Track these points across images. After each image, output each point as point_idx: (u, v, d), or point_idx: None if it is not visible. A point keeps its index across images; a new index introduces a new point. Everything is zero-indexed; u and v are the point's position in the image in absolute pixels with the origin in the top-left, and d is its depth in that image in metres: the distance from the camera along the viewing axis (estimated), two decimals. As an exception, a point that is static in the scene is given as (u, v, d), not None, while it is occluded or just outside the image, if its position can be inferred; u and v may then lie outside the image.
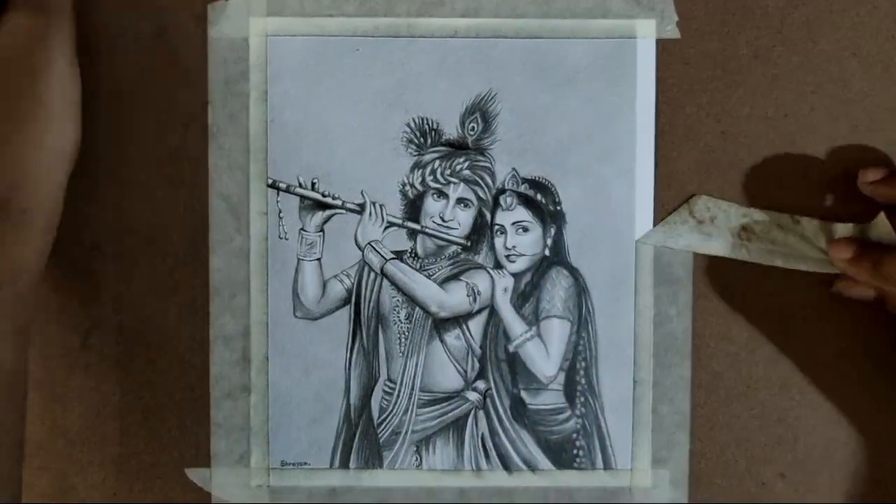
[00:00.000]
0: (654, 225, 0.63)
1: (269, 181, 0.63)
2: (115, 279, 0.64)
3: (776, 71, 0.63)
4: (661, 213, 0.63)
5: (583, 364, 0.64)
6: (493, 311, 0.64)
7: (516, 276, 0.64)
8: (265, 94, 0.63)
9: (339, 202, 0.63)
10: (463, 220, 0.64)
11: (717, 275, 0.64)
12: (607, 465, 0.64)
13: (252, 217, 0.63)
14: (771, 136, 0.63)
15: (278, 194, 0.63)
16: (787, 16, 0.63)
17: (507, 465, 0.64)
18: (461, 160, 0.64)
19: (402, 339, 0.64)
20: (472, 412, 0.64)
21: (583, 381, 0.64)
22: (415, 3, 0.63)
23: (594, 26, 0.63)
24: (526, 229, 0.64)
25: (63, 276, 0.64)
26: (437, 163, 0.64)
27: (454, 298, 0.64)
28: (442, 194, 0.64)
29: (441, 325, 0.64)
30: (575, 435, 0.64)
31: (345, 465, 0.64)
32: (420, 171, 0.64)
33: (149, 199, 0.63)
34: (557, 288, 0.64)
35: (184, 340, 0.64)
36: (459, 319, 0.64)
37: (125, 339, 0.64)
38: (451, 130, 0.63)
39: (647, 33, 0.63)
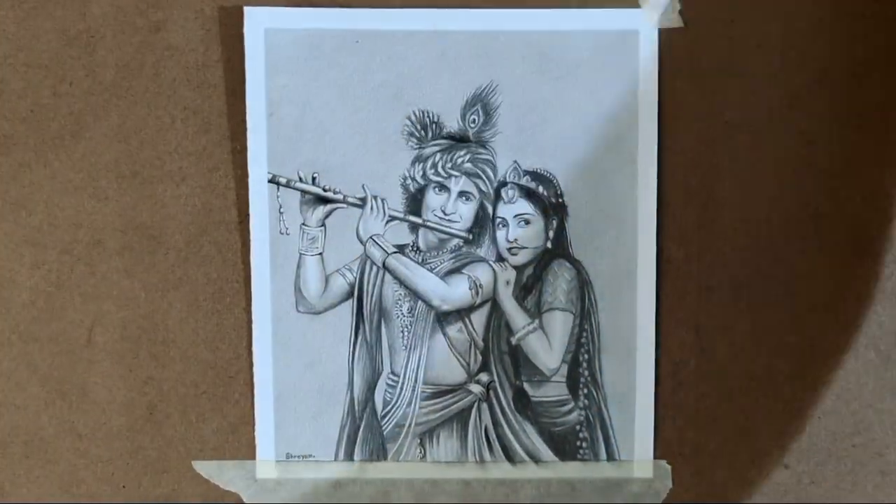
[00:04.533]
0: (657, 217, 0.63)
1: (269, 176, 0.63)
2: (117, 275, 0.64)
3: (782, 59, 0.62)
4: (664, 205, 0.63)
5: (585, 356, 0.64)
6: (495, 304, 0.64)
7: (518, 268, 0.64)
8: (264, 87, 0.63)
9: (340, 196, 0.63)
10: (464, 213, 0.64)
11: (721, 266, 0.63)
12: (610, 457, 0.64)
13: (253, 212, 0.63)
14: (776, 127, 0.62)
15: (278, 189, 0.63)
16: (793, 1, 0.62)
17: (510, 457, 0.65)
18: (462, 153, 0.63)
19: (405, 333, 0.64)
20: (476, 404, 0.65)
21: (586, 373, 0.64)
22: (413, -6, 0.62)
23: (596, 16, 0.62)
24: (528, 222, 0.64)
25: (66, 273, 0.64)
26: (439, 156, 0.63)
27: (456, 292, 0.64)
28: (443, 188, 0.64)
29: (443, 318, 0.64)
30: (578, 426, 0.64)
31: (349, 457, 0.65)
32: (421, 164, 0.63)
33: (150, 195, 0.63)
34: (560, 280, 0.64)
35: (188, 336, 0.64)
36: (462, 312, 0.64)
37: (129, 335, 0.64)
38: (451, 123, 0.63)
39: (649, 23, 0.62)
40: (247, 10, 0.62)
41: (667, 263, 0.63)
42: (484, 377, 0.65)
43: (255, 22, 0.62)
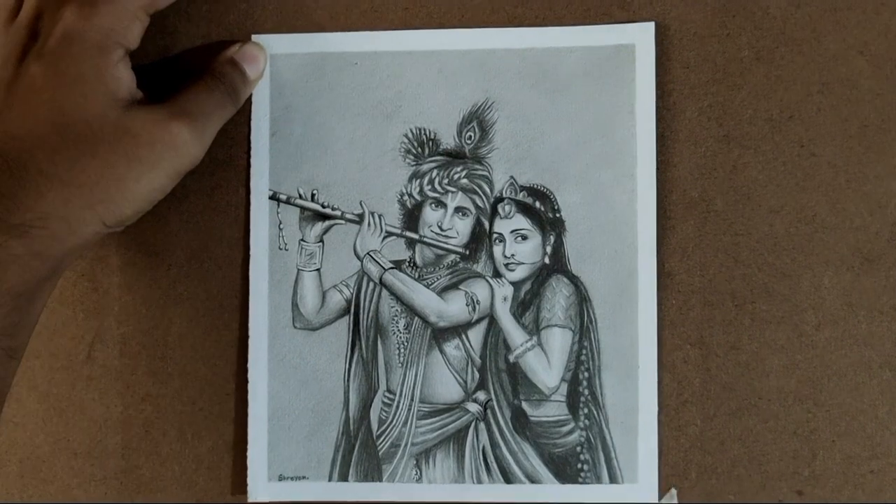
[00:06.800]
0: (657, 231, 0.62)
1: (270, 193, 0.64)
2: (118, 291, 0.65)
3: (779, 72, 0.62)
4: (663, 218, 0.62)
5: (585, 374, 0.62)
6: (492, 321, 0.63)
7: (516, 284, 0.63)
8: (268, 109, 0.64)
9: (338, 213, 0.64)
10: (461, 228, 0.64)
11: (724, 282, 0.62)
12: (613, 480, 0.62)
13: (253, 228, 0.64)
14: (776, 139, 0.62)
15: (278, 206, 0.64)
16: (789, 16, 0.62)
17: (508, 479, 0.62)
18: (459, 169, 0.64)
19: (402, 350, 0.64)
20: (473, 424, 0.63)
21: (586, 391, 0.62)
22: (409, 15, 0.64)
23: (592, 32, 0.63)
24: (525, 237, 0.63)
25: (66, 288, 0.65)
26: (435, 172, 0.64)
27: (453, 308, 0.63)
28: (440, 203, 0.64)
29: (440, 335, 0.64)
30: (579, 448, 0.62)
31: (343, 478, 0.63)
32: (418, 180, 0.64)
33: (151, 211, 0.64)
34: (558, 296, 0.63)
35: (186, 352, 0.64)
36: (459, 329, 0.63)
37: (128, 351, 0.65)
38: (448, 140, 0.63)
39: (645, 37, 0.62)
40: (254, 37, 0.64)
41: (667, 278, 0.62)
42: (481, 395, 0.63)
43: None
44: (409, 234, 0.64)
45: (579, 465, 0.62)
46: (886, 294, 0.61)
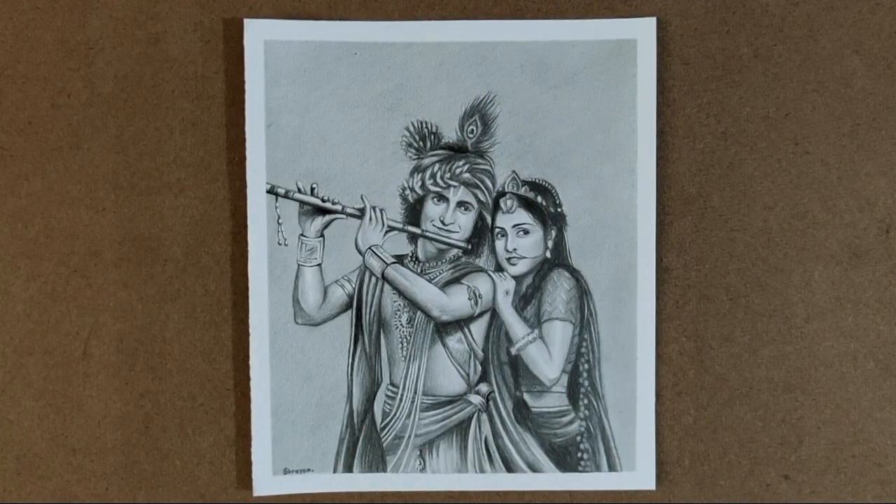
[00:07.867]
0: (657, 226, 0.63)
1: (268, 186, 0.63)
2: (114, 287, 0.64)
3: (777, 70, 0.63)
4: (662, 214, 0.63)
5: (585, 366, 0.64)
6: (494, 314, 0.64)
7: (517, 278, 0.64)
8: (263, 98, 0.63)
9: (338, 207, 0.63)
10: (463, 223, 0.64)
11: (718, 276, 0.63)
12: (612, 468, 0.64)
13: (251, 223, 0.63)
14: (772, 136, 0.63)
15: (277, 200, 0.63)
16: (787, 14, 0.63)
17: (510, 469, 0.64)
18: (461, 163, 0.63)
19: (404, 344, 0.64)
20: (476, 415, 0.64)
21: (586, 383, 0.64)
22: (411, 5, 0.62)
23: (594, 26, 0.62)
24: (527, 231, 0.64)
25: (62, 285, 0.63)
26: (437, 166, 0.63)
27: (456, 302, 0.64)
28: (442, 198, 0.64)
29: (443, 328, 0.64)
30: (579, 437, 0.64)
31: (348, 469, 0.64)
32: (420, 174, 0.63)
33: (148, 206, 0.63)
34: (559, 290, 0.64)
35: (184, 348, 0.64)
36: (461, 323, 0.64)
37: (125, 347, 0.64)
38: (450, 134, 0.63)
39: (647, 33, 0.62)
40: (247, 21, 0.62)
41: (665, 272, 0.63)
42: (484, 388, 0.64)
43: (255, 33, 0.62)
44: (411, 228, 0.64)
45: (579, 454, 0.64)
46: (872, 288, 0.63)
